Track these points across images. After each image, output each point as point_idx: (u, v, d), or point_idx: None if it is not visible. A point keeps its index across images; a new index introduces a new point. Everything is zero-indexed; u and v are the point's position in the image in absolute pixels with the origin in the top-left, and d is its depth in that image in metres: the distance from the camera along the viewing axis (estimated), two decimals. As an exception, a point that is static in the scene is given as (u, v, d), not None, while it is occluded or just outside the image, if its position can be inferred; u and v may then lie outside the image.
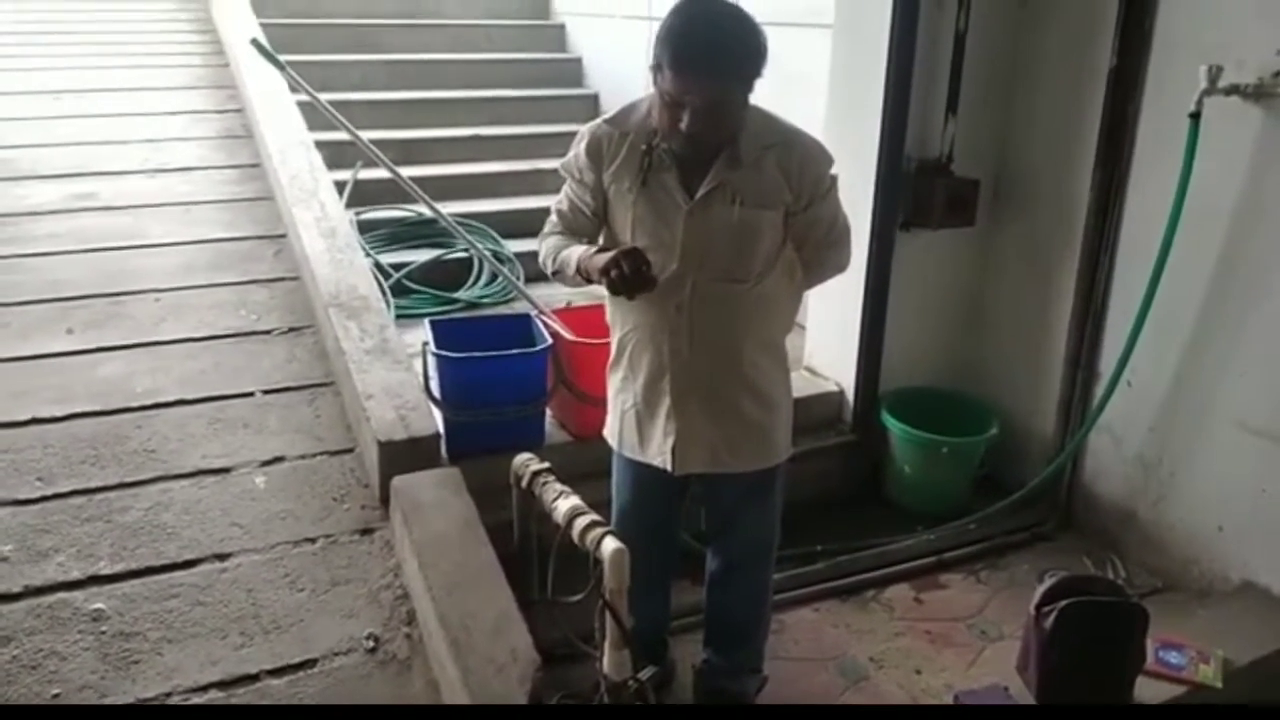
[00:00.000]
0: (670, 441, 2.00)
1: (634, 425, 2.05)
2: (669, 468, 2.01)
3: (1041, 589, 2.18)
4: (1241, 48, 2.44)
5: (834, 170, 1.95)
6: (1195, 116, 2.49)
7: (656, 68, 1.76)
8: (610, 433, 2.15)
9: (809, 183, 1.90)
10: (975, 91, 3.02)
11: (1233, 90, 2.44)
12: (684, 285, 1.90)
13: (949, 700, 2.22)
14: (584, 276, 1.91)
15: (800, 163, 1.89)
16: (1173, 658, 2.25)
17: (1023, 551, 2.99)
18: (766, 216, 1.89)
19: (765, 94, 1.84)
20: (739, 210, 1.86)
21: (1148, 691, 2.16)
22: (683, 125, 1.75)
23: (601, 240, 2.02)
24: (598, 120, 1.98)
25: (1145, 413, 2.84)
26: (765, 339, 2.01)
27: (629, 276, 1.76)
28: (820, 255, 2.01)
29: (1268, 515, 2.55)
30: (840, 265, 2.10)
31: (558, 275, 2.02)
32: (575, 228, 2.03)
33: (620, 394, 2.08)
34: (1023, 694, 2.18)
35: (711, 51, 1.71)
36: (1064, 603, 2.09)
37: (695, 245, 1.88)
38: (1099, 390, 2.91)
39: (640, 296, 1.84)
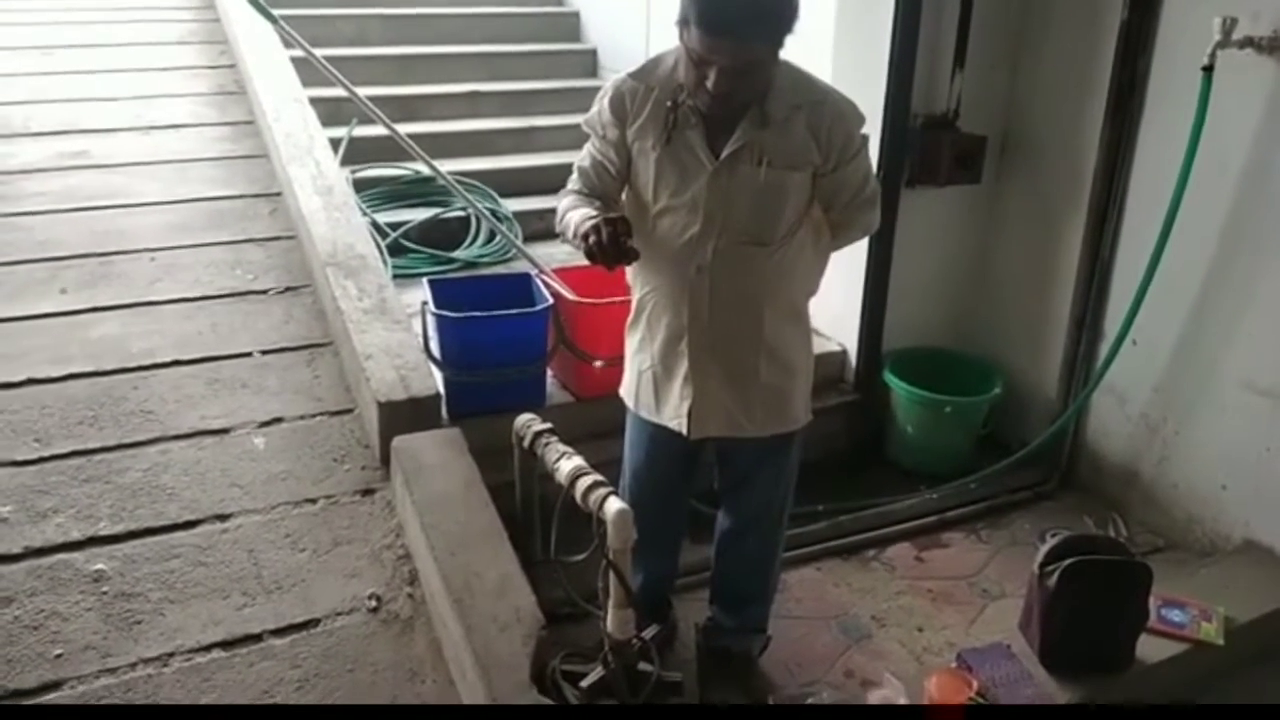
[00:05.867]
0: (686, 405, 1.96)
1: (651, 387, 2.02)
2: (684, 431, 1.99)
3: (1044, 548, 2.18)
4: (1257, -1, 2.39)
5: (865, 130, 1.90)
6: (1208, 70, 2.44)
7: (683, 23, 1.68)
8: (626, 392, 2.12)
9: (838, 144, 1.84)
10: (983, 45, 2.96)
11: (1247, 43, 2.39)
12: (705, 247, 1.85)
13: (951, 658, 2.22)
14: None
15: (830, 123, 1.83)
16: (1175, 616, 2.25)
17: (1024, 510, 3.00)
18: (794, 178, 1.83)
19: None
20: (765, 171, 1.80)
21: (1150, 649, 2.17)
22: (709, 84, 1.69)
23: (624, 199, 1.95)
24: (622, 74, 1.90)
25: (1150, 372, 2.82)
26: (787, 303, 1.95)
27: (606, 245, 1.68)
28: (849, 217, 1.96)
29: (1271, 474, 2.54)
30: (869, 227, 2.06)
31: (561, 237, 1.95)
32: (596, 187, 1.95)
33: (638, 354, 2.04)
34: (1025, 652, 2.18)
35: (741, 11, 1.63)
36: (1068, 562, 2.09)
37: (718, 206, 1.82)
38: (1104, 350, 2.89)
39: (660, 257, 1.80)
